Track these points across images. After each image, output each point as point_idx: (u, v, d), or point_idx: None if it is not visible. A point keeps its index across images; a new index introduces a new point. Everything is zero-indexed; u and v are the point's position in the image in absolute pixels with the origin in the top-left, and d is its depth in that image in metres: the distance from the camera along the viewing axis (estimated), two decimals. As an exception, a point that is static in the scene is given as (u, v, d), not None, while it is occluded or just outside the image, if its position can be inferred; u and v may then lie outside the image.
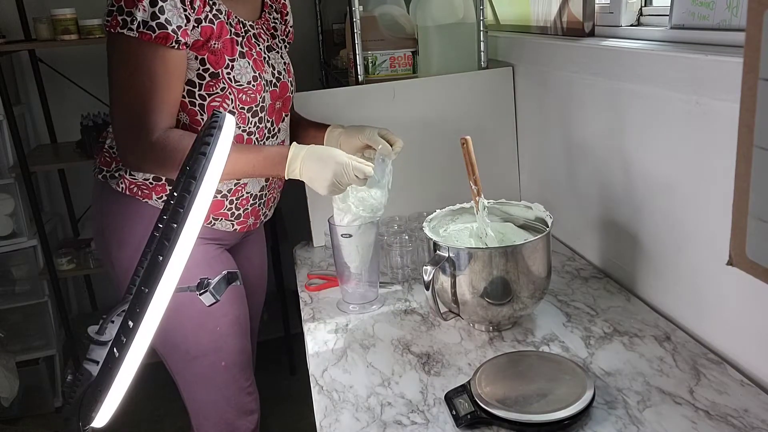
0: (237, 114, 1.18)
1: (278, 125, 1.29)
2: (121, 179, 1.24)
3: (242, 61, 1.17)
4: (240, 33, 1.19)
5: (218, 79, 1.15)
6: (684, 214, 1.04)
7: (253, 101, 1.19)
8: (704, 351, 0.99)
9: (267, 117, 1.24)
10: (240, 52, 1.17)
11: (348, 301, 1.24)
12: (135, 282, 0.72)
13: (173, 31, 1.07)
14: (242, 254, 1.42)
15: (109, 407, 0.62)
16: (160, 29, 1.06)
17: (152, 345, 1.30)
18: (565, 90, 1.36)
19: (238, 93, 1.17)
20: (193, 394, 1.33)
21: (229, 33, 1.16)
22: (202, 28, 1.11)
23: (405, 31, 1.62)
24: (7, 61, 2.44)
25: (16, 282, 2.50)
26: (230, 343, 1.30)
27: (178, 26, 1.08)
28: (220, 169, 0.66)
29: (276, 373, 2.56)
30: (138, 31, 1.06)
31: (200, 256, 1.24)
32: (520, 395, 0.87)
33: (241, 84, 1.17)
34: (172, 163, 1.10)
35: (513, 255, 1.03)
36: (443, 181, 1.56)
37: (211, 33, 1.13)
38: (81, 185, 2.67)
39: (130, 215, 1.24)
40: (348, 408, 0.94)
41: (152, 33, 1.06)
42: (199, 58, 1.13)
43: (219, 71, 1.15)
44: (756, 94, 0.65)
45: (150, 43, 1.07)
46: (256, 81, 1.19)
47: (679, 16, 1.03)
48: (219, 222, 1.27)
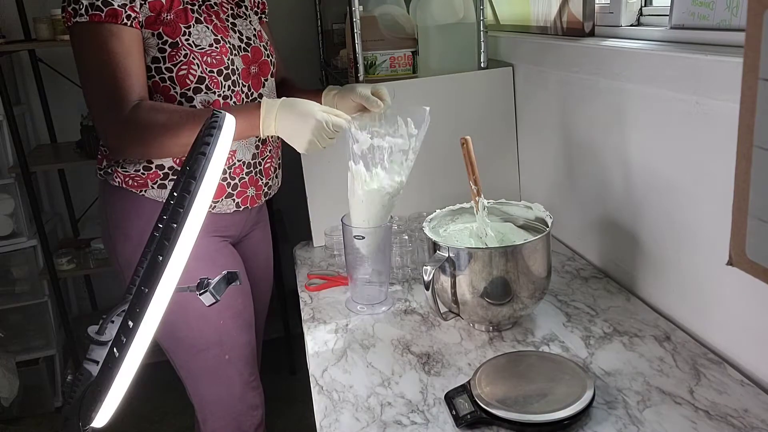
0: (207, 78, 1.19)
1: (257, 90, 1.29)
2: (116, 174, 1.25)
3: (199, 26, 1.19)
4: (195, 2, 1.21)
5: (178, 47, 1.17)
6: (684, 214, 1.04)
7: (221, 63, 1.20)
8: (704, 351, 0.99)
9: (242, 81, 1.25)
10: (196, 18, 1.19)
11: (356, 301, 1.24)
12: (135, 282, 0.72)
13: (120, 6, 1.11)
14: (249, 251, 1.42)
15: (109, 407, 0.62)
16: (107, 7, 1.10)
17: (157, 339, 1.31)
18: (565, 90, 1.36)
19: (202, 56, 1.19)
20: (198, 388, 1.33)
21: (181, 3, 1.19)
22: (149, 3, 1.15)
23: (405, 31, 1.62)
24: (7, 61, 2.45)
25: (16, 282, 2.50)
26: (234, 337, 1.30)
27: (123, 3, 1.12)
28: (220, 168, 0.66)
29: (276, 373, 2.56)
30: (87, 14, 1.10)
31: (203, 250, 1.24)
32: (520, 395, 0.87)
33: (203, 47, 1.19)
34: (151, 138, 1.12)
35: (513, 255, 1.03)
36: (443, 181, 1.56)
37: (160, 7, 1.16)
38: (81, 185, 2.67)
39: (129, 210, 1.26)
40: (348, 408, 0.94)
41: (101, 12, 1.11)
42: (155, 34, 1.16)
43: (177, 39, 1.17)
44: (756, 94, 0.65)
45: (102, 23, 1.11)
46: (219, 43, 1.21)
47: (679, 16, 1.03)
48: (219, 203, 1.27)
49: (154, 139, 1.12)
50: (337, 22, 2.51)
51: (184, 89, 1.19)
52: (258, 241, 1.46)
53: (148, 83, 1.19)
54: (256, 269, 1.46)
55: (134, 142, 1.14)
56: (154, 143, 1.13)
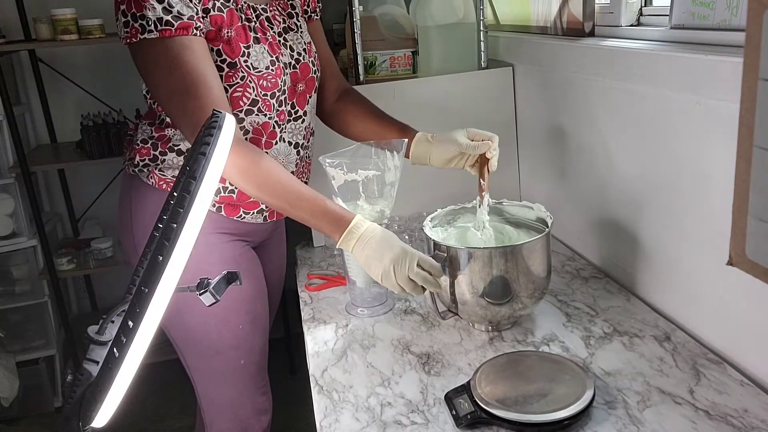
0: (261, 101, 1.16)
1: (302, 108, 1.25)
2: (152, 174, 1.22)
3: (257, 47, 1.15)
4: (251, 18, 1.17)
5: (236, 68, 1.13)
6: (684, 214, 1.04)
7: (275, 86, 1.17)
8: (704, 351, 0.99)
9: (287, 100, 1.22)
10: (254, 38, 1.16)
11: (356, 304, 1.24)
12: (135, 282, 0.72)
13: (189, 19, 1.07)
14: (266, 254, 1.41)
15: (109, 407, 0.61)
16: (177, 21, 1.06)
17: (172, 340, 1.30)
18: (565, 90, 1.36)
19: (258, 80, 1.15)
20: (209, 390, 1.33)
21: (240, 20, 1.14)
22: (210, 17, 1.11)
23: (405, 31, 1.62)
24: (7, 61, 2.44)
25: (16, 282, 2.50)
26: (251, 342, 1.30)
27: (190, 16, 1.08)
28: (220, 168, 0.66)
29: (276, 373, 2.55)
30: (158, 30, 1.05)
31: (228, 253, 1.24)
32: (520, 395, 0.87)
33: (260, 70, 1.15)
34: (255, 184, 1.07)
35: (513, 255, 1.03)
36: (443, 181, 1.56)
37: (222, 21, 1.12)
38: (81, 185, 2.67)
39: (148, 201, 1.23)
40: (348, 408, 0.94)
41: (171, 27, 1.06)
42: (215, 50, 1.12)
43: (236, 60, 1.13)
44: (756, 94, 0.65)
45: (173, 37, 1.06)
46: (275, 65, 1.17)
47: (679, 16, 1.03)
48: (249, 215, 1.26)
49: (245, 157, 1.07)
50: (337, 22, 2.51)
51: (236, 110, 1.15)
52: (275, 246, 1.46)
53: None
54: (272, 272, 1.46)
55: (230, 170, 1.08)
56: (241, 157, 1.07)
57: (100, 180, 2.61)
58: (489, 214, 1.17)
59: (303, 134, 1.27)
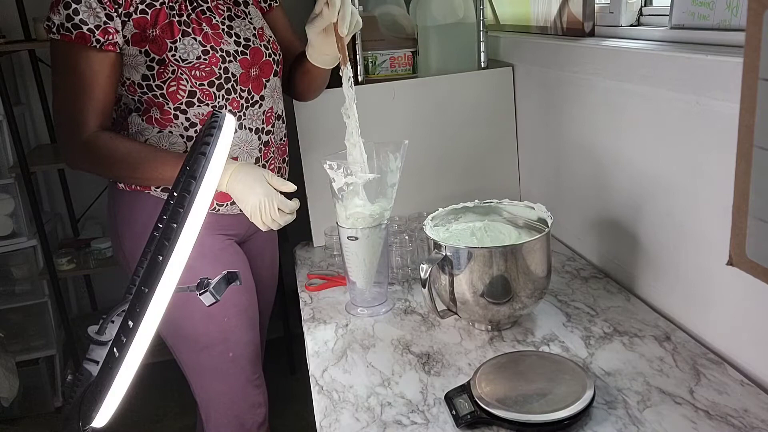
0: (198, 92, 1.19)
1: (258, 93, 1.27)
2: None
3: (186, 39, 1.18)
4: (183, 13, 1.19)
5: (165, 64, 1.17)
6: (684, 214, 1.04)
7: (211, 74, 1.19)
8: (704, 351, 0.99)
9: (240, 87, 1.24)
10: (183, 31, 1.18)
11: (356, 304, 1.24)
12: (135, 282, 0.72)
13: (89, 31, 1.11)
14: (254, 250, 1.42)
15: (109, 407, 0.62)
16: (76, 30, 1.11)
17: (162, 337, 1.31)
18: (565, 90, 1.36)
19: (190, 71, 1.17)
20: (202, 385, 1.34)
21: (167, 17, 1.17)
22: (133, 20, 1.15)
23: (405, 31, 1.62)
24: (7, 61, 2.44)
25: (16, 282, 2.50)
26: (238, 335, 1.31)
27: (96, 26, 1.12)
28: (220, 168, 0.66)
29: (276, 373, 2.55)
30: (59, 33, 1.12)
31: (207, 248, 1.24)
32: (520, 395, 0.87)
33: (190, 61, 1.17)
34: (106, 162, 1.16)
35: (513, 254, 1.03)
36: (443, 181, 1.56)
37: (145, 23, 1.16)
38: (81, 185, 2.67)
39: (134, 208, 1.27)
40: (348, 408, 0.94)
41: (70, 34, 1.11)
42: (142, 51, 1.16)
43: (164, 56, 1.16)
44: (756, 94, 0.65)
45: (72, 43, 1.12)
46: (208, 54, 1.19)
47: (679, 16, 1.03)
48: (224, 206, 1.27)
49: (109, 168, 1.18)
50: (337, 22, 2.50)
51: (177, 104, 1.19)
52: (264, 241, 1.46)
53: (143, 99, 1.19)
54: (262, 269, 1.46)
55: (90, 163, 1.19)
56: (108, 172, 1.21)
57: (100, 180, 2.61)
58: (489, 215, 1.17)
59: (262, 119, 1.28)
